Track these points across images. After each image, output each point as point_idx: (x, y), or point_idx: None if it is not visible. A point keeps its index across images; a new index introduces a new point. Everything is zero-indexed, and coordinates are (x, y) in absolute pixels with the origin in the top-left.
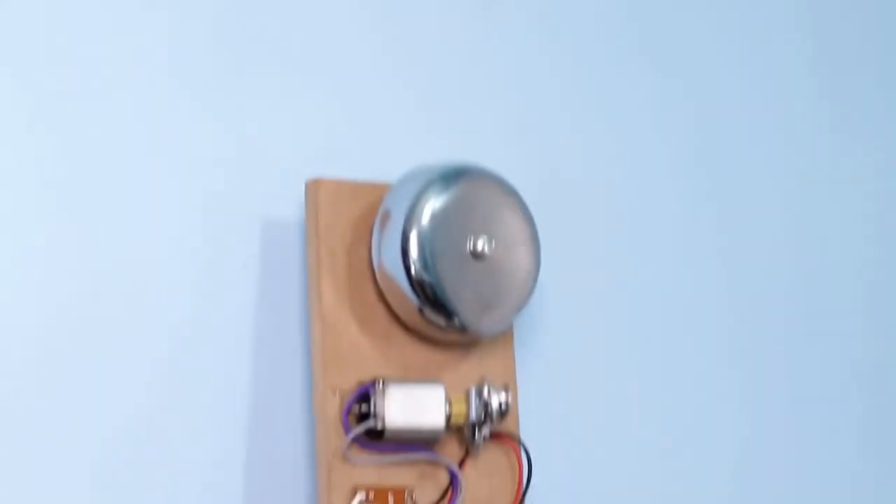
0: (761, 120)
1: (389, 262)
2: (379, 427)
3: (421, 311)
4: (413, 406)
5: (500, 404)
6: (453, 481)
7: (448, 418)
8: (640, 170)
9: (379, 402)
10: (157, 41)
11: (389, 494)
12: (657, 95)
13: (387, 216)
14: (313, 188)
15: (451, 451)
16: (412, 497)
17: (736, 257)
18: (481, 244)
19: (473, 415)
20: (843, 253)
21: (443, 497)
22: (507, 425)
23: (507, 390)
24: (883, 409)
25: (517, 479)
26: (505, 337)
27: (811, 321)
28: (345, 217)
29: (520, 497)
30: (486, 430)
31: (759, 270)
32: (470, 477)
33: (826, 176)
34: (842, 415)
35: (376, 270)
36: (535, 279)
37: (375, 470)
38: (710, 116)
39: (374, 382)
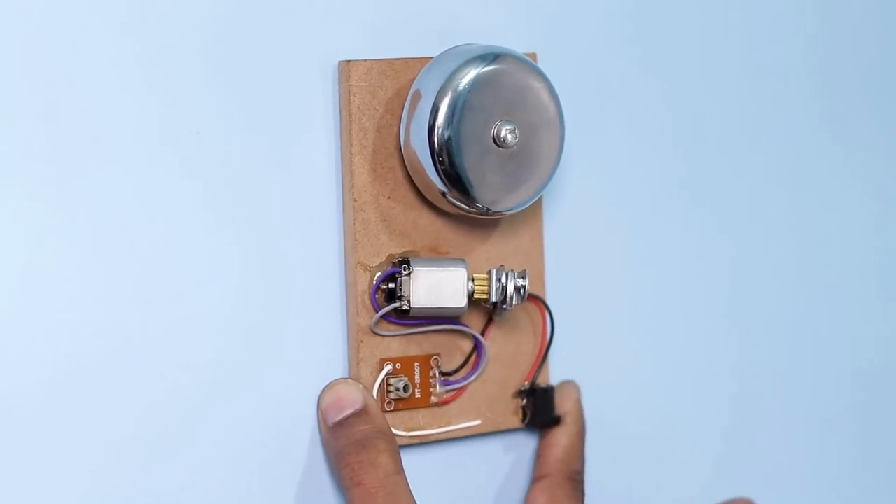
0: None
1: (416, 145)
2: (405, 308)
3: (444, 194)
4: (437, 287)
5: (518, 289)
6: (477, 347)
7: (470, 296)
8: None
9: (405, 285)
10: None
11: (415, 364)
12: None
13: (416, 98)
14: (345, 69)
15: (475, 318)
16: (437, 364)
17: None
18: (504, 132)
19: (494, 297)
20: (844, 248)
21: (466, 362)
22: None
23: (524, 276)
24: (882, 407)
25: (540, 337)
26: (534, 208)
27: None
28: (378, 96)
29: (542, 352)
30: (506, 307)
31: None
32: (496, 338)
33: (824, 170)
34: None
35: (403, 150)
36: (557, 163)
37: (402, 343)
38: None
39: (401, 264)
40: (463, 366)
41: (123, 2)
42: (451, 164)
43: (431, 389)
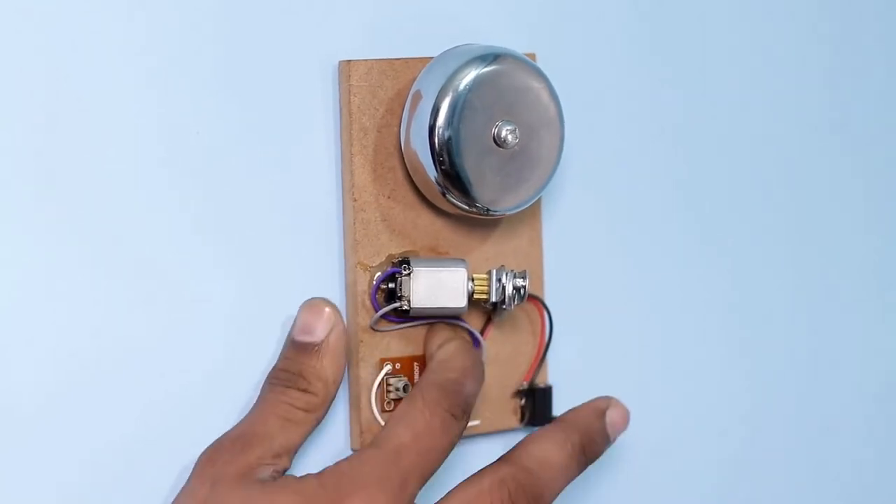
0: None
1: (416, 145)
2: (405, 308)
3: (444, 193)
4: (437, 287)
5: (518, 289)
6: (476, 346)
7: (470, 296)
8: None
9: (405, 285)
10: None
11: (415, 364)
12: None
13: (417, 98)
14: (345, 69)
15: (475, 318)
16: None
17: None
18: (505, 133)
19: (494, 297)
20: (846, 250)
21: None
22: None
23: (524, 276)
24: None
25: (539, 337)
26: (533, 208)
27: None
28: (378, 96)
29: (541, 352)
30: (506, 307)
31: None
32: (495, 338)
33: (826, 171)
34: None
35: (403, 151)
36: (556, 164)
37: (402, 343)
38: None
39: (401, 264)
40: None
41: (123, 2)
42: (452, 165)
43: None
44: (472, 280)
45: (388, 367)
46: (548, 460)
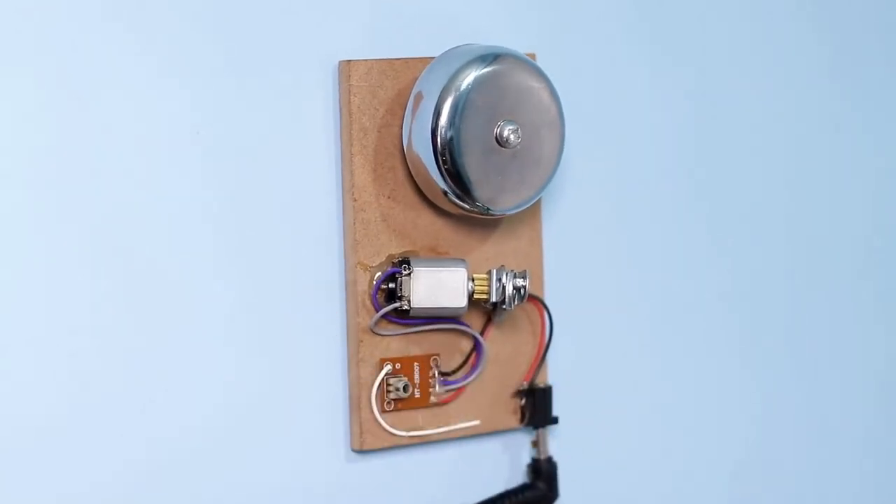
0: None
1: (418, 145)
2: (405, 307)
3: (446, 193)
4: (437, 286)
5: (518, 289)
6: (476, 347)
7: (470, 295)
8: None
9: (405, 284)
10: None
11: (415, 364)
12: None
13: (419, 98)
14: (345, 69)
15: (475, 318)
16: (437, 365)
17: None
18: (507, 132)
19: (494, 297)
20: (846, 252)
21: (465, 362)
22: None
23: (524, 276)
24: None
25: (539, 337)
26: (533, 208)
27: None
28: (378, 96)
29: (541, 352)
30: (507, 307)
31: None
32: (495, 338)
33: (828, 172)
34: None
35: (405, 151)
36: (557, 163)
37: (402, 342)
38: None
39: (401, 264)
40: (462, 366)
41: (124, 2)
42: (454, 164)
43: (431, 389)
44: (473, 280)
45: (388, 367)
46: None
